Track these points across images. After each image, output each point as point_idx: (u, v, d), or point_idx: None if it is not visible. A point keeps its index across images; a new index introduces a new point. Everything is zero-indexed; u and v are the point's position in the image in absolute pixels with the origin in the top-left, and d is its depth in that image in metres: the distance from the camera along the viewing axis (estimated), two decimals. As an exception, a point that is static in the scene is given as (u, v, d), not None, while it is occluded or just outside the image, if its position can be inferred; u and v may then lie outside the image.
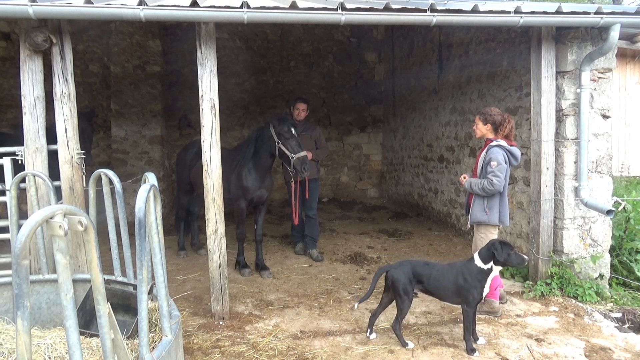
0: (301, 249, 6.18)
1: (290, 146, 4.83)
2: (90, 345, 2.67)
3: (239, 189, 5.09)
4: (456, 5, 3.89)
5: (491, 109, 4.04)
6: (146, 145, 8.26)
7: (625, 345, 3.60)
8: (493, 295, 4.11)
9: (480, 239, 4.05)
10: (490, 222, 3.97)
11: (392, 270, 3.55)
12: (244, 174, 5.06)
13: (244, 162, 5.08)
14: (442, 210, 7.83)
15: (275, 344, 3.61)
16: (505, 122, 3.93)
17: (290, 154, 4.81)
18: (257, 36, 10.20)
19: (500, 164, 3.82)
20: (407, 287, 3.48)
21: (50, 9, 3.30)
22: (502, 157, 3.87)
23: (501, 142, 3.94)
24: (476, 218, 4.01)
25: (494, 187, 3.81)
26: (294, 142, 4.84)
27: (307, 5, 3.68)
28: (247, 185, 5.06)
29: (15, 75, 5.81)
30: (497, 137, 3.98)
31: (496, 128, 3.97)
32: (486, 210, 3.95)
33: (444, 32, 7.54)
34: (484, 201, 3.95)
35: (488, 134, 4.04)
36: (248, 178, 5.06)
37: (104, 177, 3.14)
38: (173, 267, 5.52)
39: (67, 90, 3.76)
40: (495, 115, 3.97)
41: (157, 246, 2.57)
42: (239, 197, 5.10)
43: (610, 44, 4.19)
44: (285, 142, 4.84)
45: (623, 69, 8.62)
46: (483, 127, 4.04)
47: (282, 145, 4.85)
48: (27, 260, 1.57)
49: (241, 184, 5.06)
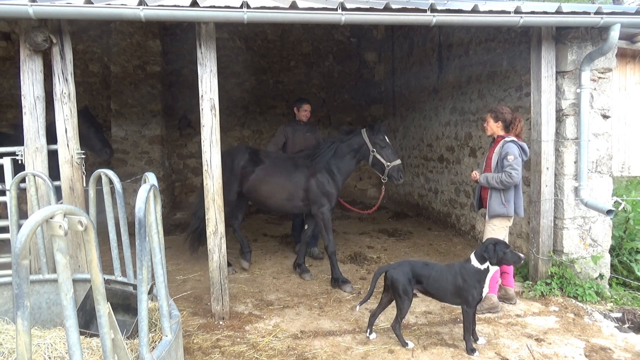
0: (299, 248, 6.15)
1: (386, 155, 4.93)
2: (91, 345, 2.67)
3: (322, 196, 4.94)
4: (456, 5, 3.89)
5: (502, 108, 4.24)
6: (146, 145, 8.26)
7: (625, 345, 3.60)
8: (493, 289, 4.20)
9: (492, 230, 4.17)
10: (508, 213, 4.12)
11: (391, 271, 3.55)
12: (326, 179, 4.96)
13: (321, 167, 4.97)
14: (442, 210, 7.82)
15: (275, 344, 3.61)
16: (515, 122, 4.14)
17: (386, 162, 4.91)
18: (257, 36, 10.20)
19: (517, 158, 3.99)
20: (406, 287, 3.48)
21: (50, 9, 3.30)
22: (518, 151, 4.04)
23: (514, 138, 4.11)
24: (494, 211, 4.13)
25: (513, 179, 3.96)
26: (389, 151, 4.95)
27: (307, 5, 3.68)
28: (332, 190, 4.97)
29: (15, 75, 5.82)
30: (508, 135, 4.15)
31: (507, 126, 4.17)
32: (504, 203, 4.09)
33: (444, 32, 7.54)
34: (501, 194, 4.09)
35: (498, 132, 4.21)
36: (332, 183, 4.98)
37: (104, 177, 3.14)
38: (173, 267, 5.52)
39: (67, 90, 3.76)
40: (506, 113, 4.16)
41: (157, 246, 2.57)
42: (322, 204, 4.95)
43: (611, 44, 4.19)
44: (380, 151, 4.93)
45: (623, 69, 8.62)
46: (494, 125, 4.21)
47: (378, 154, 4.93)
48: (27, 260, 1.57)
49: (325, 190, 4.94)
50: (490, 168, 4.22)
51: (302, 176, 4.98)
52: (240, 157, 5.20)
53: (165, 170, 8.74)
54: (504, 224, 4.17)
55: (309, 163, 5.05)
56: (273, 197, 5.10)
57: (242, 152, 5.27)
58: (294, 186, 4.99)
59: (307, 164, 5.05)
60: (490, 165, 4.22)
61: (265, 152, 5.42)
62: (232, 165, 5.15)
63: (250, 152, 5.25)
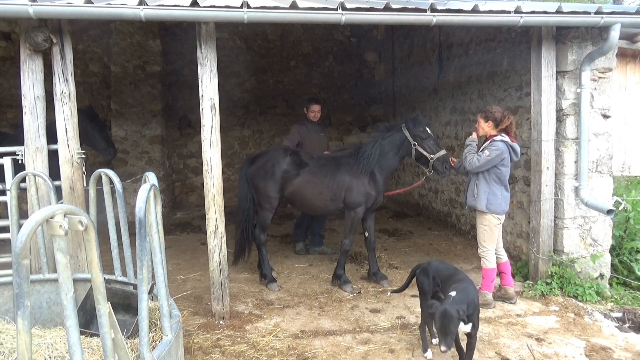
0: (302, 249, 6.19)
1: (429, 146, 4.68)
2: (91, 344, 2.67)
3: (361, 197, 4.77)
4: (456, 5, 3.89)
5: (492, 107, 4.29)
6: (146, 145, 8.26)
7: (626, 344, 3.60)
8: (488, 287, 4.27)
9: (483, 231, 4.29)
10: (478, 207, 4.24)
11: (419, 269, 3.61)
12: (368, 180, 4.78)
13: (367, 167, 4.77)
14: (442, 210, 7.82)
15: (275, 344, 3.61)
16: (505, 118, 4.19)
17: (429, 154, 4.65)
18: (257, 36, 10.20)
19: (493, 152, 4.08)
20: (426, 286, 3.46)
21: (51, 9, 3.30)
22: (502, 151, 4.09)
23: (505, 138, 4.15)
24: (467, 202, 4.37)
25: (470, 164, 4.18)
26: (431, 142, 4.70)
27: (307, 5, 3.68)
28: (372, 192, 4.80)
29: (15, 75, 5.81)
30: (498, 132, 4.20)
31: (497, 124, 4.21)
32: (474, 196, 4.26)
33: (444, 32, 7.53)
34: (474, 187, 4.27)
35: (490, 131, 4.25)
36: (373, 184, 4.80)
37: (104, 177, 3.14)
38: (173, 267, 5.53)
39: (67, 90, 3.76)
40: (496, 112, 4.21)
41: (157, 246, 2.57)
42: (359, 204, 4.79)
43: (611, 43, 4.19)
44: (422, 143, 4.69)
45: (623, 69, 8.61)
46: (485, 125, 4.26)
47: (420, 147, 4.69)
48: (28, 260, 1.57)
49: (366, 190, 4.77)
50: None
51: (346, 176, 4.83)
52: (282, 160, 4.94)
53: (165, 170, 8.74)
54: (493, 222, 4.23)
55: (352, 162, 4.87)
56: (318, 198, 4.93)
57: (282, 156, 4.98)
58: (337, 186, 4.84)
59: (351, 164, 4.88)
60: None
61: (307, 153, 5.21)
62: (273, 168, 4.92)
63: (291, 155, 5.02)
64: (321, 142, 5.85)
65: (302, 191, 4.93)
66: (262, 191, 4.98)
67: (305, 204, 5.07)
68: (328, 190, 4.87)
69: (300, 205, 5.22)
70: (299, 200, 5.05)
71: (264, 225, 5.06)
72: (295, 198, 5.02)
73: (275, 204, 5.03)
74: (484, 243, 4.27)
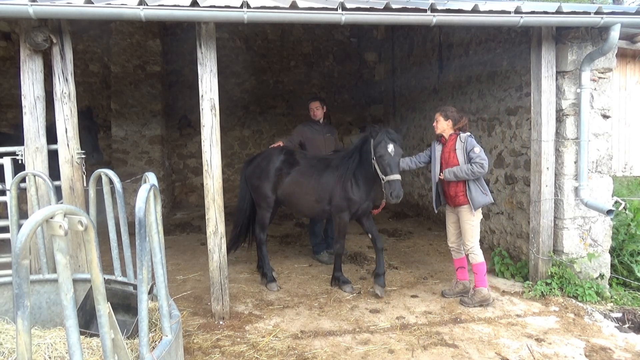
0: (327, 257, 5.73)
1: (382, 165, 4.20)
2: (91, 345, 2.67)
3: (343, 201, 4.66)
4: (456, 5, 3.89)
5: (450, 107, 4.47)
6: (146, 145, 8.25)
7: (626, 345, 3.60)
8: (482, 282, 4.31)
9: (471, 227, 4.30)
10: (491, 200, 4.37)
11: None
12: (349, 186, 4.62)
13: (348, 173, 4.61)
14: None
15: (275, 344, 3.61)
16: (461, 119, 4.38)
17: (382, 174, 4.21)
18: (257, 36, 10.20)
19: (481, 149, 4.23)
20: None
21: (51, 9, 3.29)
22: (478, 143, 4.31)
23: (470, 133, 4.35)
24: (479, 202, 4.26)
25: (484, 168, 4.15)
26: (386, 161, 4.17)
27: (307, 5, 3.68)
28: (354, 197, 4.63)
29: (15, 75, 5.82)
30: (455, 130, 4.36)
31: (455, 123, 4.37)
32: (485, 192, 4.29)
33: (444, 32, 7.53)
34: (478, 185, 4.27)
35: (448, 130, 4.38)
36: (354, 190, 4.62)
37: (104, 177, 3.14)
38: (173, 267, 5.52)
39: (67, 90, 3.76)
40: (455, 112, 4.39)
41: (157, 246, 2.57)
42: (342, 209, 4.69)
43: (611, 44, 4.19)
44: (379, 160, 4.22)
45: (623, 69, 8.62)
46: (444, 123, 4.37)
47: (377, 163, 4.27)
48: (27, 260, 1.57)
49: (347, 196, 4.63)
50: (448, 165, 4.33)
51: (331, 179, 4.75)
52: (275, 159, 4.95)
53: (165, 170, 8.74)
54: (479, 217, 4.33)
55: (340, 165, 4.76)
56: (304, 199, 4.88)
57: (277, 154, 5.01)
58: (322, 188, 4.76)
59: (338, 167, 4.76)
60: (449, 162, 4.34)
61: (302, 153, 5.19)
62: (267, 168, 4.92)
63: (285, 153, 5.02)
64: (327, 143, 5.72)
65: (290, 190, 4.92)
66: (258, 190, 5.03)
67: (294, 203, 5.04)
68: (313, 191, 4.82)
69: (290, 206, 5.19)
70: (288, 201, 5.04)
71: (262, 225, 5.08)
72: (285, 198, 5.01)
73: (271, 203, 5.03)
74: (472, 239, 4.31)
